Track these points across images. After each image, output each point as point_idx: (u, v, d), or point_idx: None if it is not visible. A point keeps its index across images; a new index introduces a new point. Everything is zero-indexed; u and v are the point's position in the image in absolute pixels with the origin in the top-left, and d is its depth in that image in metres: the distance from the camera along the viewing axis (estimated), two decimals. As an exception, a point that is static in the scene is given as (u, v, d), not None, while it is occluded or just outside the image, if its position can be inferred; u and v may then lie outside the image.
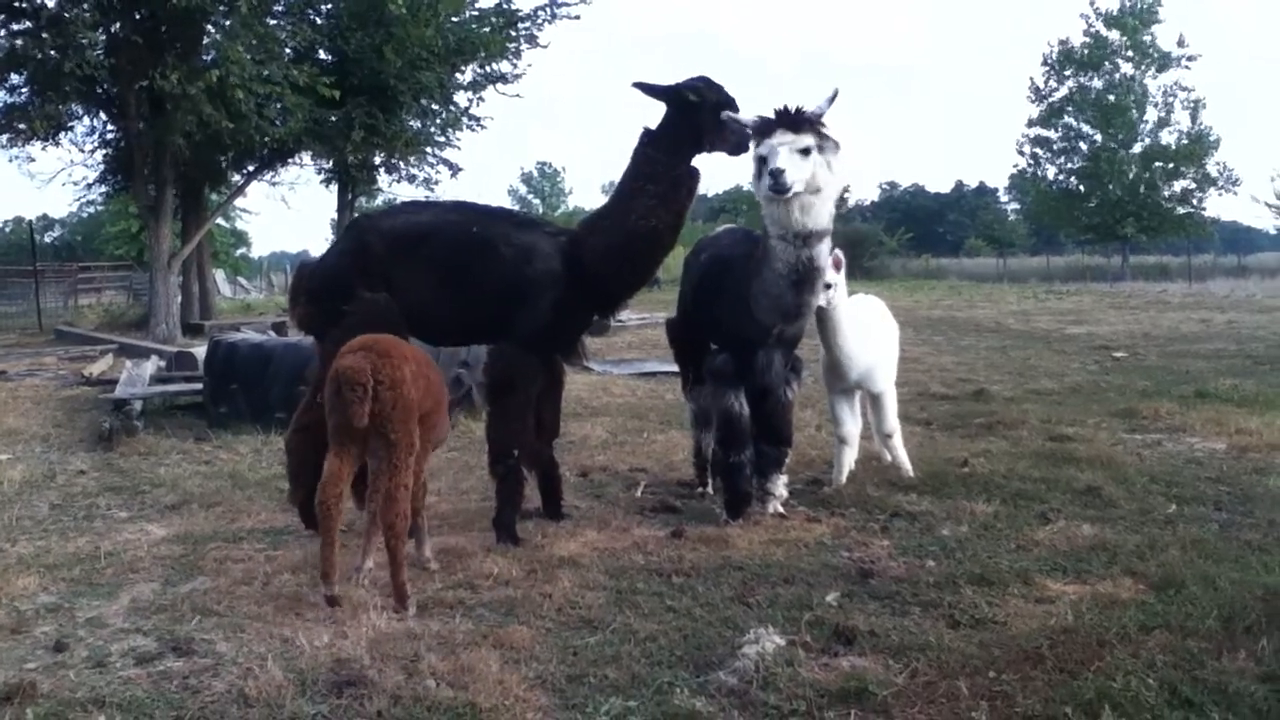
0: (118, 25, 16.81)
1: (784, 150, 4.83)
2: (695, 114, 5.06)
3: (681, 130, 5.11)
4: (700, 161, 5.18)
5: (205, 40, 17.66)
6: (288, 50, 18.67)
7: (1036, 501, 5.77)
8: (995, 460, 6.83)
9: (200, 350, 10.92)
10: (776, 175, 4.79)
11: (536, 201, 76.48)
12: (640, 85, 5.20)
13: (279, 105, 17.60)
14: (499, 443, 5.35)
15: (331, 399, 4.21)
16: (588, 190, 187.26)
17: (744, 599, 4.29)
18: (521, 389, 5.29)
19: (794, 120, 4.90)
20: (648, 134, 5.18)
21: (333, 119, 19.43)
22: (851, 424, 6.33)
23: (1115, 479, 6.21)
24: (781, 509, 5.68)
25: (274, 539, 5.43)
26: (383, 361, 4.20)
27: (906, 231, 59.87)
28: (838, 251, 5.74)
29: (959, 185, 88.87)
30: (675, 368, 6.83)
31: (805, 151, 4.85)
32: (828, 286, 5.59)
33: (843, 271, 5.83)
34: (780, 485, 5.74)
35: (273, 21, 18.74)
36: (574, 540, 5.21)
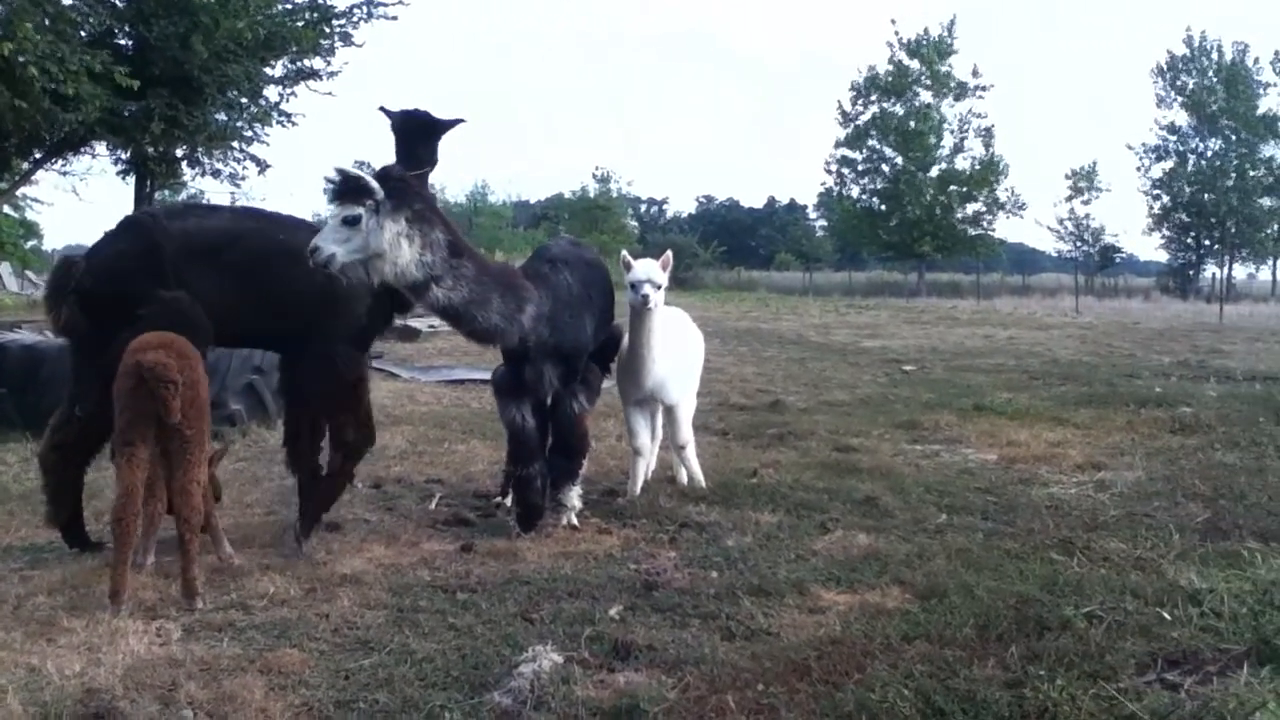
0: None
1: (331, 222, 4.77)
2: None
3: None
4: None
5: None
6: (82, 33, 17.52)
7: (818, 511, 5.99)
8: (784, 470, 7.07)
9: (-29, 351, 10.10)
10: (310, 252, 4.69)
11: (351, 201, 74.31)
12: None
13: (72, 91, 16.45)
14: (361, 442, 5.44)
15: (131, 396, 4.18)
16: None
17: (527, 615, 4.28)
18: (368, 386, 5.47)
19: (341, 190, 4.78)
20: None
21: (131, 109, 18.36)
22: (645, 435, 6.38)
23: (893, 489, 6.51)
24: (575, 521, 5.70)
25: (33, 558, 5.06)
26: (183, 362, 4.27)
27: (720, 244, 61.45)
28: (668, 252, 5.98)
29: (771, 201, 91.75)
30: (484, 375, 6.82)
31: (353, 221, 4.70)
32: (657, 287, 5.70)
33: (668, 271, 5.86)
34: (573, 497, 5.74)
35: (66, 2, 17.55)
36: (359, 556, 5.08)
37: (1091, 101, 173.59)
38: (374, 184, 4.69)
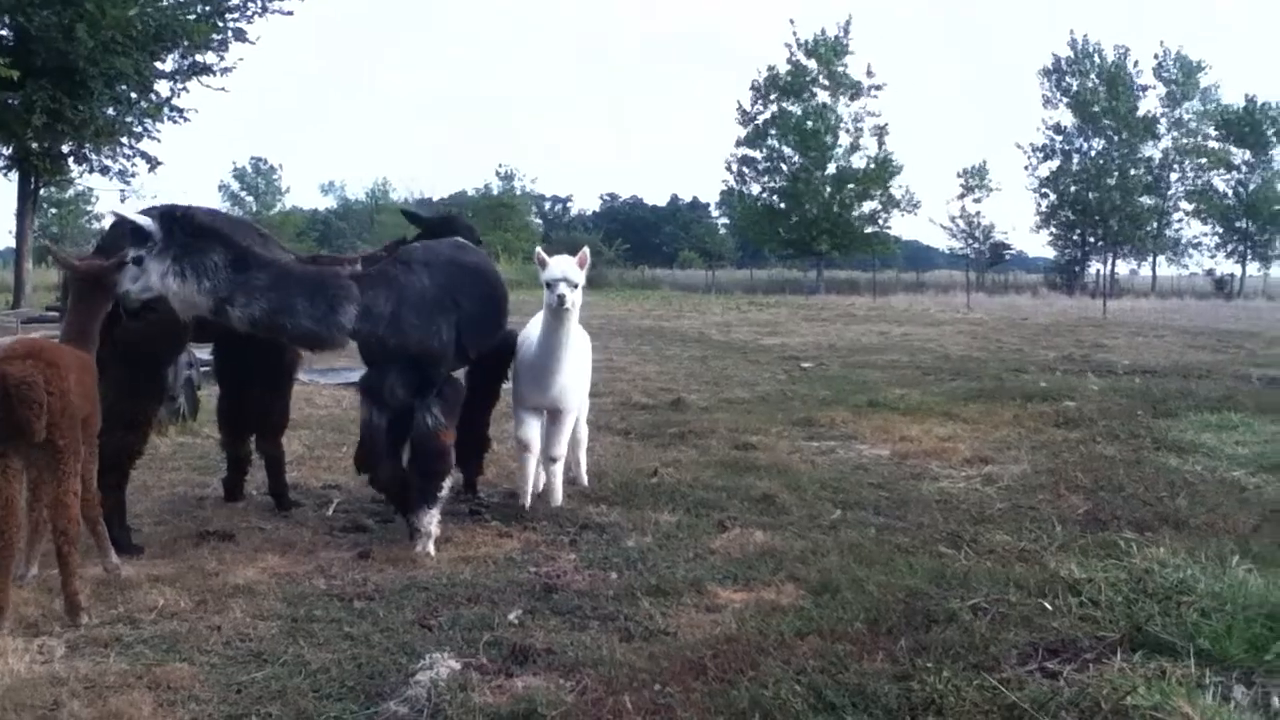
0: None
1: (129, 261, 4.80)
2: None
3: None
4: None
5: None
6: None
7: (717, 510, 6.08)
8: (684, 469, 7.15)
9: None
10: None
11: (250, 200, 72.53)
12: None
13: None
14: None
15: None
16: (306, 189, 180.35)
17: (425, 622, 4.25)
18: None
19: (128, 235, 4.88)
20: None
21: (11, 100, 17.66)
22: (534, 430, 6.05)
23: (789, 486, 6.64)
24: (432, 549, 5.29)
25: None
26: (51, 371, 4.07)
27: (624, 243, 61.65)
28: (585, 250, 5.79)
29: (674, 199, 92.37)
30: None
31: (139, 261, 4.76)
32: (574, 286, 5.51)
33: (585, 270, 5.64)
34: (429, 521, 5.35)
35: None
36: (252, 565, 4.99)
37: (982, 102, 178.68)
38: (148, 228, 4.75)
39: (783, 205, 51.54)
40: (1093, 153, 53.79)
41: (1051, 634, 4.03)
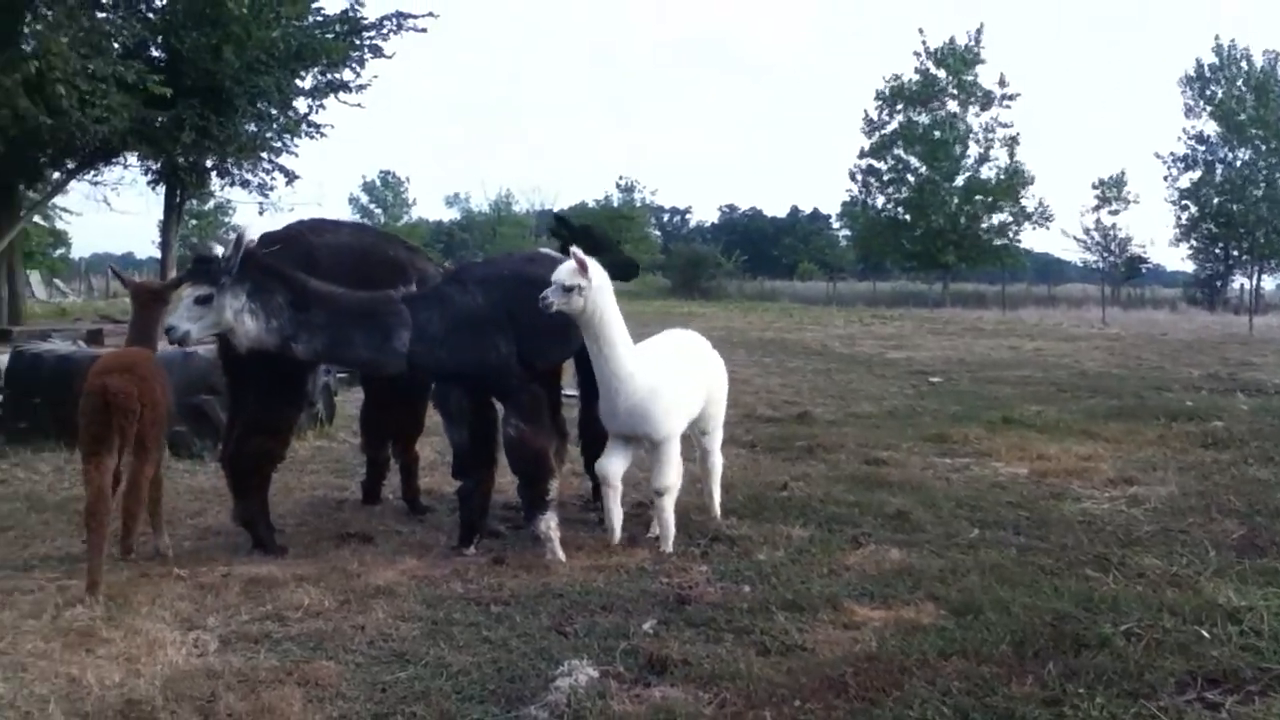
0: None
1: (185, 300, 5.01)
2: None
3: None
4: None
5: (25, 29, 16.55)
6: (116, 45, 17.73)
7: (850, 525, 5.97)
8: (813, 484, 7.05)
9: (3, 359, 10.24)
10: (166, 330, 5.06)
11: (379, 211, 74.85)
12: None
13: (104, 103, 16.62)
14: None
15: (98, 415, 4.64)
16: (432, 202, 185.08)
17: (561, 628, 4.28)
18: None
19: (193, 271, 5.11)
20: None
21: (161, 119, 18.57)
22: (614, 462, 5.56)
23: (924, 503, 6.48)
24: (560, 553, 5.34)
25: (69, 567, 5.09)
26: (144, 385, 4.79)
27: (743, 254, 61.42)
28: (576, 251, 5.17)
29: (794, 210, 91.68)
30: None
31: (204, 300, 4.94)
32: (566, 291, 5.05)
33: (589, 275, 5.08)
34: (545, 525, 5.37)
35: (101, 15, 17.76)
36: (391, 568, 5.11)
37: (1117, 111, 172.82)
38: (220, 266, 4.95)
39: (907, 216, 50.62)
40: (1238, 163, 51.36)
41: (1210, 663, 3.82)
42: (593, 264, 5.13)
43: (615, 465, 5.54)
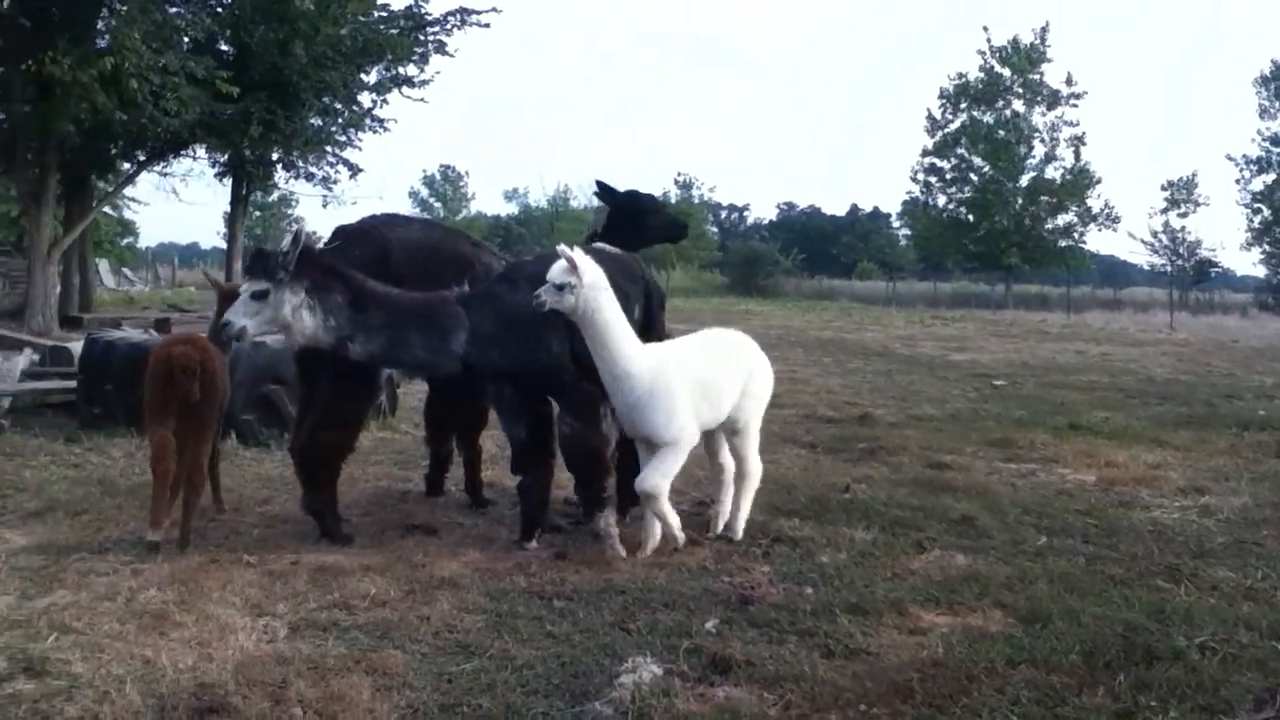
0: (5, 4, 15.99)
1: (243, 296, 5.04)
2: None
3: None
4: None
5: (99, 25, 16.93)
6: (185, 40, 18.08)
7: (914, 530, 5.90)
8: (876, 486, 6.99)
9: (77, 346, 10.49)
10: (222, 326, 5.18)
11: (438, 205, 75.51)
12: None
13: (175, 96, 16.96)
14: None
15: (162, 380, 5.16)
16: (491, 196, 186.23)
17: (624, 625, 4.29)
18: None
19: (251, 267, 5.17)
20: None
21: (229, 112, 18.91)
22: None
23: (989, 509, 6.39)
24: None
25: (141, 551, 5.20)
26: (205, 355, 5.26)
27: (801, 252, 61.00)
28: (562, 247, 5.06)
29: (854, 209, 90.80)
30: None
31: (261, 295, 4.95)
32: (559, 289, 4.95)
33: (582, 272, 4.98)
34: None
35: (172, 10, 18.11)
36: (455, 560, 5.15)
37: (1187, 111, 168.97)
38: (278, 262, 4.94)
39: (970, 216, 49.85)
40: (1314, 166, 49.94)
41: (1289, 680, 3.74)
42: (585, 262, 5.02)
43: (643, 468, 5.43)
